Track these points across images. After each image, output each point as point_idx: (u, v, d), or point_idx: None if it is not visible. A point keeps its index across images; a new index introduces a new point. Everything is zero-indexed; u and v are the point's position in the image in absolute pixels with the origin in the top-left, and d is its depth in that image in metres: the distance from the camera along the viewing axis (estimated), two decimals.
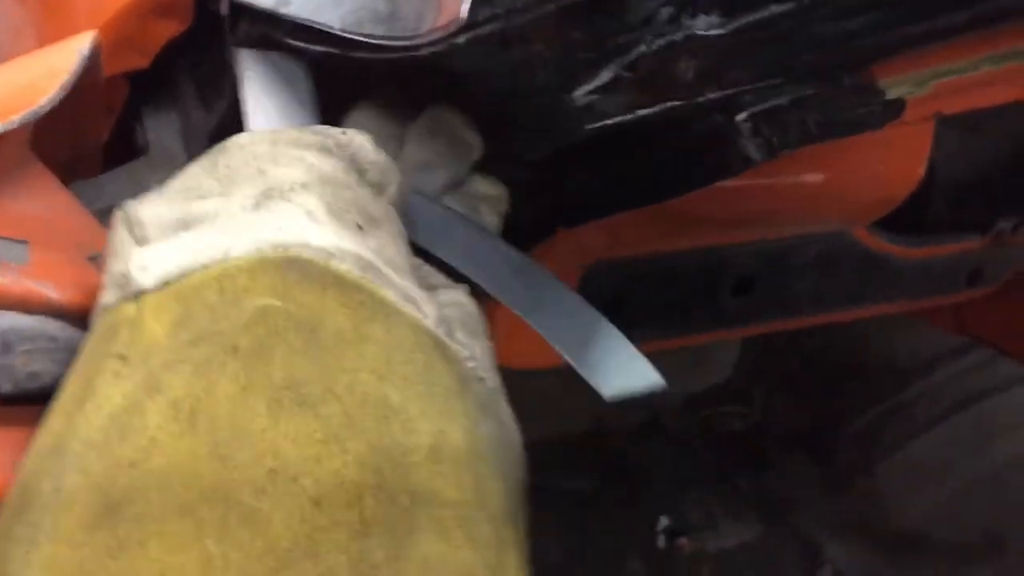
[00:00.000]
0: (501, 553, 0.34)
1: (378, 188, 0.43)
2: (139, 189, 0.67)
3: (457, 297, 0.43)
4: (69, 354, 0.41)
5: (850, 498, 1.74)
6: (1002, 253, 0.90)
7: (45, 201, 0.52)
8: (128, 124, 0.73)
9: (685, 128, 0.50)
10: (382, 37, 0.50)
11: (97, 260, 0.51)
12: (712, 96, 0.44)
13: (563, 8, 0.42)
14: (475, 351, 0.40)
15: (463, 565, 0.32)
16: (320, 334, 0.34)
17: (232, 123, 0.56)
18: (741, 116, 0.46)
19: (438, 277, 0.45)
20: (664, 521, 1.72)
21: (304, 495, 0.30)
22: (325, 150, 0.41)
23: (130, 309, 0.35)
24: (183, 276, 0.35)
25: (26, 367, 0.38)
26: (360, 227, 0.38)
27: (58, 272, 0.45)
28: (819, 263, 0.82)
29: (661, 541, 1.70)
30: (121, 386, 0.33)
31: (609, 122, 0.49)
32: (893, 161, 0.70)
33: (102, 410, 0.33)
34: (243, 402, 0.32)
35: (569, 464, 1.70)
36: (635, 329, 0.79)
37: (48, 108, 0.47)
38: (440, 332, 0.38)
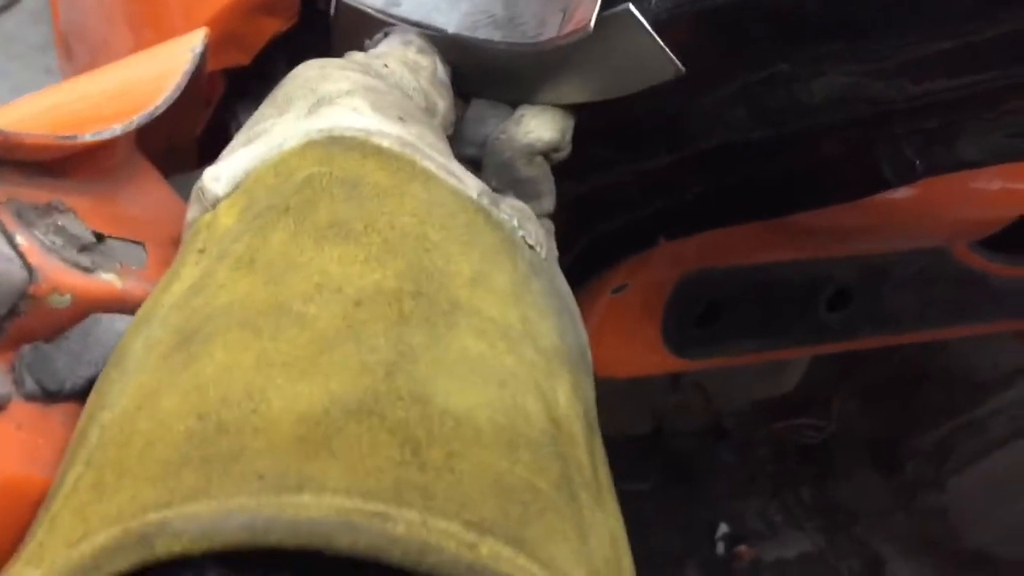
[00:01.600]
0: (552, 379, 0.36)
1: (427, 111, 0.47)
2: None
3: (516, 202, 0.46)
4: None
5: (918, 513, 1.70)
6: None
7: (153, 199, 0.52)
8: (223, 117, 0.73)
9: (817, 143, 0.48)
10: (501, 42, 0.49)
11: None
12: (853, 115, 0.42)
13: (701, 13, 0.41)
14: (524, 224, 0.42)
15: (505, 367, 0.34)
16: (361, 188, 0.38)
17: None
18: (885, 136, 0.44)
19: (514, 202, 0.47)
20: (723, 528, 1.70)
21: (347, 299, 0.34)
22: (369, 73, 0.45)
23: (207, 217, 0.40)
24: (247, 176, 0.40)
25: None
26: (402, 119, 0.42)
27: None
28: (918, 279, 0.79)
29: (720, 548, 1.68)
30: (199, 267, 0.37)
31: (738, 133, 0.47)
32: (1004, 182, 0.68)
33: (183, 283, 0.37)
34: (293, 243, 0.36)
35: (630, 466, 1.68)
36: (731, 342, 0.78)
37: (164, 108, 0.47)
38: (484, 201, 0.41)
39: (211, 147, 0.73)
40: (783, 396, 1.63)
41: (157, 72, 0.50)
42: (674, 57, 0.42)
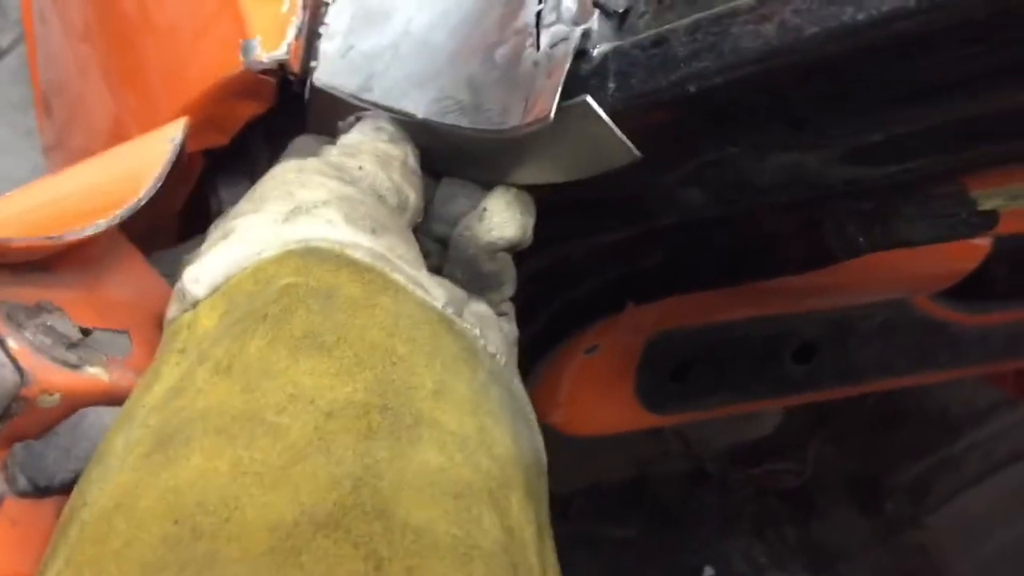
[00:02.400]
0: (505, 488, 0.39)
1: (397, 209, 0.49)
2: None
3: (479, 307, 0.48)
4: None
5: (899, 550, 1.71)
6: None
7: (136, 282, 0.53)
8: (203, 191, 0.74)
9: (767, 220, 0.50)
10: (468, 128, 0.51)
11: None
12: (798, 195, 0.45)
13: (654, 103, 0.43)
14: (486, 332, 0.45)
15: (461, 479, 0.37)
16: (335, 299, 0.40)
17: None
18: (829, 215, 0.47)
19: (480, 303, 0.50)
20: (709, 571, 1.70)
21: (319, 411, 0.36)
22: (344, 180, 0.47)
23: (187, 316, 0.42)
24: (227, 280, 0.42)
25: None
26: (374, 231, 0.44)
27: None
28: (881, 331, 0.82)
29: None
30: (179, 369, 0.39)
31: (693, 211, 0.49)
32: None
33: (163, 384, 0.39)
34: (270, 351, 0.38)
35: (614, 511, 1.69)
36: (701, 397, 0.80)
37: (146, 200, 0.49)
38: (448, 312, 0.44)
39: (191, 220, 0.75)
40: (761, 439, 1.65)
41: (138, 164, 0.52)
42: (631, 145, 0.45)
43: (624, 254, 0.58)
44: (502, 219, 0.51)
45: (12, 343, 0.36)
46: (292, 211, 0.44)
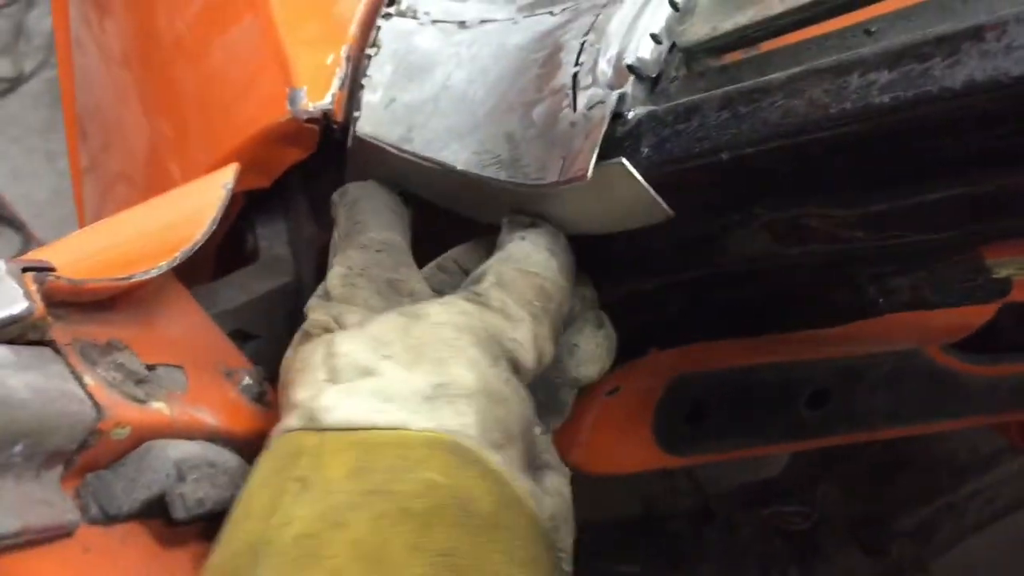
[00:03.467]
0: None
1: (524, 375, 0.50)
2: (251, 295, 0.72)
3: (559, 486, 0.52)
4: (226, 477, 0.45)
5: None
6: None
7: (187, 321, 0.56)
8: (240, 227, 0.77)
9: (790, 277, 0.53)
10: (506, 181, 0.54)
11: (232, 376, 0.55)
12: (822, 255, 0.48)
13: (687, 169, 0.46)
14: (566, 543, 0.49)
15: None
16: (472, 514, 0.42)
17: None
18: (850, 275, 0.50)
19: (549, 455, 0.54)
20: None
21: None
22: (494, 355, 0.48)
23: (312, 439, 0.43)
24: (362, 428, 0.43)
25: (195, 494, 0.42)
26: (502, 446, 0.46)
27: (210, 396, 0.50)
28: (891, 380, 0.84)
29: None
30: (302, 508, 0.40)
31: (718, 266, 0.52)
32: None
33: (289, 527, 0.40)
34: (412, 557, 0.39)
35: (620, 549, 1.70)
36: (717, 439, 0.82)
37: (202, 242, 0.52)
38: (549, 526, 0.47)
39: (226, 257, 0.78)
40: (768, 479, 1.66)
41: (193, 208, 0.55)
42: (664, 204, 0.48)
43: (649, 302, 0.60)
44: (590, 358, 0.55)
45: (88, 379, 0.39)
46: (438, 387, 0.45)
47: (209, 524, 0.44)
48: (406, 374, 0.45)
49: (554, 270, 0.53)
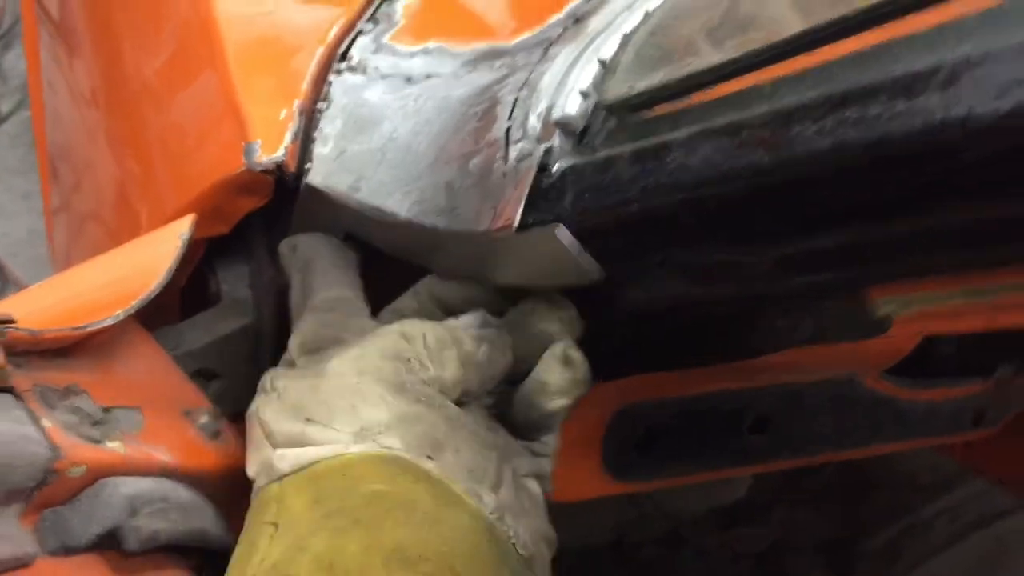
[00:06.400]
0: None
1: (455, 415, 0.54)
2: (214, 335, 0.75)
3: (528, 483, 0.58)
4: (180, 512, 0.49)
5: None
6: (1003, 396, 0.96)
7: (146, 363, 0.60)
8: (203, 271, 0.81)
9: (708, 314, 0.57)
10: (444, 229, 0.58)
11: (190, 415, 0.59)
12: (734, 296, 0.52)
13: (603, 223, 0.50)
14: (519, 531, 0.53)
15: None
16: (415, 513, 0.47)
17: None
18: (762, 313, 0.54)
19: (522, 461, 0.58)
20: None
21: None
22: (398, 384, 0.53)
23: (275, 488, 0.49)
24: (311, 464, 0.49)
25: (148, 527, 0.45)
26: (430, 457, 0.51)
27: (167, 435, 0.53)
28: (831, 406, 0.88)
29: None
30: (276, 545, 0.46)
31: (642, 304, 0.56)
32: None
33: (265, 561, 0.45)
34: (366, 558, 0.45)
35: (593, 575, 1.72)
36: (664, 466, 0.86)
37: (158, 291, 0.56)
38: (493, 518, 0.51)
39: (191, 299, 0.81)
40: (737, 503, 1.69)
41: (150, 258, 0.58)
42: (594, 268, 0.51)
43: (588, 335, 0.64)
44: (561, 388, 0.59)
45: (47, 422, 0.42)
46: (359, 433, 0.50)
47: (166, 554, 0.48)
48: (329, 431, 0.50)
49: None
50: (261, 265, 0.77)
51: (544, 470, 0.61)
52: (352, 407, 0.51)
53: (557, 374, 0.58)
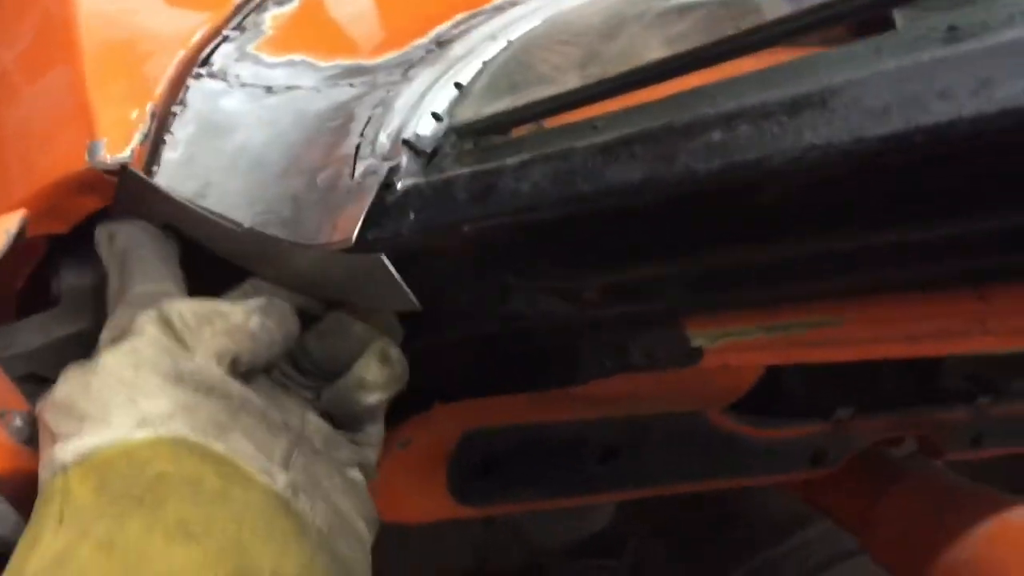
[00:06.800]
0: None
1: (238, 398, 0.53)
2: (49, 338, 0.73)
3: (348, 472, 0.58)
4: None
5: None
6: (841, 438, 1.01)
7: None
8: (45, 272, 0.78)
9: (534, 339, 0.58)
10: (284, 240, 0.58)
11: (3, 417, 0.56)
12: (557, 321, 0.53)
13: (448, 238, 0.51)
14: (316, 507, 0.53)
15: None
16: (201, 491, 0.46)
17: None
18: (585, 341, 0.55)
19: (343, 451, 0.59)
20: None
21: None
22: (176, 375, 0.51)
23: (59, 480, 0.47)
24: (95, 452, 0.47)
25: None
26: (216, 437, 0.50)
27: None
28: (675, 439, 0.90)
29: None
30: (59, 537, 0.45)
31: (478, 328, 0.57)
32: None
33: (44, 554, 0.44)
34: (147, 535, 0.44)
35: None
36: (509, 492, 0.86)
37: None
38: (287, 493, 0.51)
39: (31, 299, 0.78)
40: (595, 536, 1.71)
41: None
42: (414, 299, 0.51)
43: (430, 357, 0.64)
44: (378, 384, 0.59)
45: None
46: (140, 423, 0.48)
47: None
48: (107, 428, 0.48)
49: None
50: (103, 268, 0.75)
51: (367, 458, 0.61)
52: (130, 400, 0.49)
53: (375, 371, 0.58)
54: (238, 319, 0.55)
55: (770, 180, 0.34)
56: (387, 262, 0.51)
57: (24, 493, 0.53)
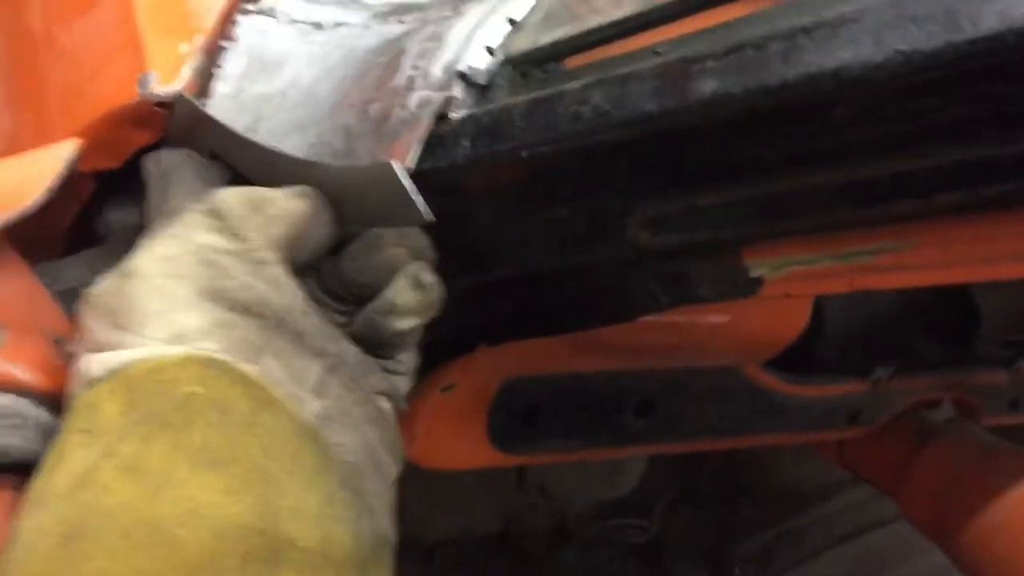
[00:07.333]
0: None
1: (273, 316, 0.51)
2: (95, 274, 0.73)
3: (377, 400, 0.56)
4: (35, 431, 0.47)
5: None
6: (879, 398, 1.00)
7: (18, 287, 0.57)
8: (90, 212, 0.78)
9: (589, 277, 0.58)
10: (334, 165, 0.57)
11: (60, 343, 0.57)
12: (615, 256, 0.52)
13: (505, 165, 0.50)
14: (346, 438, 0.51)
15: None
16: (229, 414, 0.46)
17: None
18: (640, 274, 0.55)
19: (374, 378, 0.56)
20: None
21: (212, 530, 0.42)
22: (213, 291, 0.49)
23: (88, 395, 0.46)
24: (126, 367, 0.46)
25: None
26: (258, 350, 0.49)
27: (29, 355, 0.51)
28: (712, 394, 0.90)
29: None
30: (84, 453, 0.44)
31: (530, 265, 0.57)
32: (780, 312, 0.80)
33: (71, 469, 0.44)
34: (171, 460, 0.43)
35: (478, 563, 1.73)
36: (548, 441, 0.86)
37: (34, 209, 0.53)
38: (317, 422, 0.50)
39: (78, 238, 0.79)
40: (623, 498, 1.72)
41: (29, 176, 0.56)
42: (426, 210, 0.50)
43: (476, 299, 0.64)
44: (410, 309, 0.56)
45: None
46: (174, 337, 0.47)
47: (13, 473, 0.46)
48: (140, 341, 0.47)
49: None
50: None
51: (397, 388, 0.59)
52: (163, 312, 0.48)
53: (406, 294, 0.56)
54: (287, 203, 0.53)
55: (850, 89, 0.34)
56: (397, 167, 0.49)
57: None
